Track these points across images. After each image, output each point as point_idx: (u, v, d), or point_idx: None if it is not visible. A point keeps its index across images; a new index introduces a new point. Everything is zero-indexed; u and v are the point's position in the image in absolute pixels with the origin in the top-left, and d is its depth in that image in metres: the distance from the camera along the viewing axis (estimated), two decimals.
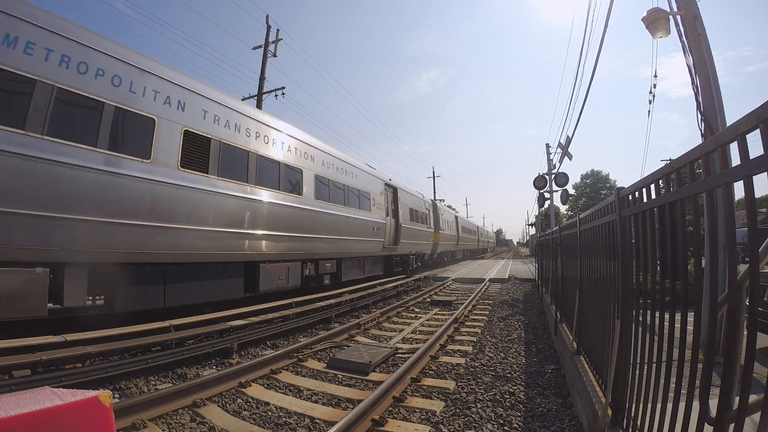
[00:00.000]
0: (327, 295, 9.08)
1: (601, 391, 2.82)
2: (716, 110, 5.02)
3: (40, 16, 4.54)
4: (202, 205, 6.29)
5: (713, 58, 5.22)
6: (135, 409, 3.24)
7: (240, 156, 7.20)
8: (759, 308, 4.24)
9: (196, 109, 6.40)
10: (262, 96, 15.94)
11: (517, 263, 28.86)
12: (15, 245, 4.22)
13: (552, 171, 17.00)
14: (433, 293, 12.03)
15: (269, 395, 3.96)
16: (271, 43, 16.13)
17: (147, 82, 5.64)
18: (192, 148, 6.22)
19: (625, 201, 2.51)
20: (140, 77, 5.55)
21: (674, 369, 1.67)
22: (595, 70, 7.58)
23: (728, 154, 1.40)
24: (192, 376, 4.51)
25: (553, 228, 9.30)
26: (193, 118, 6.32)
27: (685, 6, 5.39)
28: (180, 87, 6.16)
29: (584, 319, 3.85)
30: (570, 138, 12.45)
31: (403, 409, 3.62)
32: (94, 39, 5.09)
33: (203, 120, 6.51)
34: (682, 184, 1.72)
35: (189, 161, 6.14)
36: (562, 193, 15.87)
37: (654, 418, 1.83)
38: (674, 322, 1.81)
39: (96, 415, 1.10)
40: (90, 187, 4.83)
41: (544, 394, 3.94)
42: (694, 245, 1.94)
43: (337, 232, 10.27)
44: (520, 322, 7.70)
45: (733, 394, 1.38)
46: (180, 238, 5.92)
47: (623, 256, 2.51)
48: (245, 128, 7.40)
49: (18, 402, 1.02)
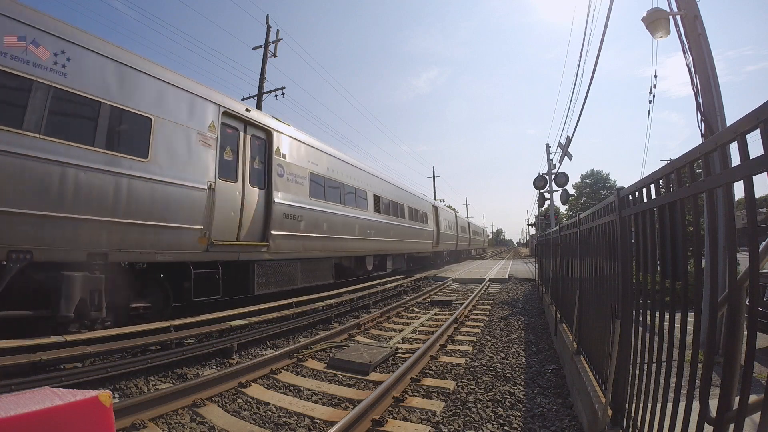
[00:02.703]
0: (327, 295, 9.08)
1: (601, 391, 2.82)
2: (716, 110, 5.02)
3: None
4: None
5: (713, 57, 5.22)
6: (135, 409, 3.24)
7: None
8: (759, 308, 4.23)
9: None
10: (262, 96, 15.94)
11: (517, 263, 28.86)
12: None
13: (552, 171, 17.00)
14: (433, 293, 12.02)
15: (269, 395, 3.96)
16: (271, 43, 16.13)
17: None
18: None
19: (625, 201, 2.51)
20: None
21: (674, 369, 1.67)
22: (595, 69, 7.59)
23: (728, 154, 1.40)
24: (192, 376, 4.51)
25: (553, 228, 9.30)
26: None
27: (685, 6, 5.40)
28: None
29: (584, 319, 3.85)
30: (570, 138, 12.45)
31: (403, 409, 3.62)
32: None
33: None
34: (682, 184, 1.72)
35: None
36: (562, 193, 15.87)
37: (654, 418, 1.83)
38: (674, 322, 1.81)
39: (96, 415, 1.10)
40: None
41: (544, 394, 3.94)
42: (694, 245, 1.94)
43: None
44: (520, 322, 7.70)
45: (733, 394, 1.38)
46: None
47: (623, 256, 2.51)
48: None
49: (18, 402, 1.02)
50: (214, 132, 6.35)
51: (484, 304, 10.00)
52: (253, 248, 7.14)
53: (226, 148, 6.68)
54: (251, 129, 7.33)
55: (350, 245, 11.02)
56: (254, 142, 7.37)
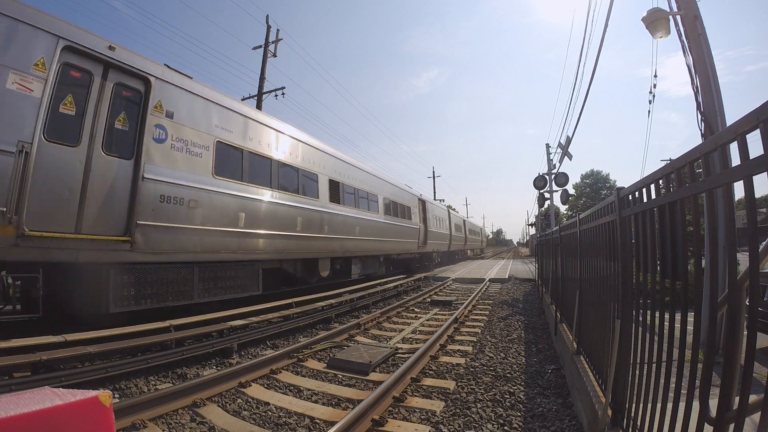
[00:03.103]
0: (327, 295, 9.08)
1: (601, 391, 2.82)
2: (716, 110, 5.02)
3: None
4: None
5: (713, 57, 5.22)
6: (135, 409, 3.24)
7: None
8: (759, 308, 4.23)
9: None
10: (262, 96, 15.94)
11: (517, 263, 28.85)
12: None
13: (552, 171, 17.00)
14: (433, 293, 12.03)
15: (269, 395, 3.96)
16: (271, 43, 16.13)
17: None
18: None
19: (625, 201, 2.51)
20: None
21: (674, 369, 1.67)
22: (595, 69, 7.59)
23: (728, 154, 1.40)
24: (192, 376, 4.51)
25: (553, 228, 9.30)
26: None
27: (685, 6, 5.40)
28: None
29: (584, 319, 3.85)
30: (570, 138, 12.45)
31: (403, 409, 3.62)
32: None
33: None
34: (682, 184, 1.72)
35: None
36: (562, 193, 15.87)
37: (654, 418, 1.83)
38: (674, 322, 1.81)
39: (96, 415, 1.10)
40: None
41: (544, 394, 3.94)
42: (694, 245, 1.94)
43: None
44: (520, 322, 7.70)
45: (733, 394, 1.38)
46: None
47: (623, 256, 2.51)
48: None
49: (18, 402, 1.02)
50: (43, 72, 4.48)
51: (484, 304, 10.00)
52: (106, 245, 5.00)
53: (66, 98, 4.75)
54: (116, 74, 5.28)
55: (289, 244, 8.32)
56: (119, 92, 5.32)
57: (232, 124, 7.05)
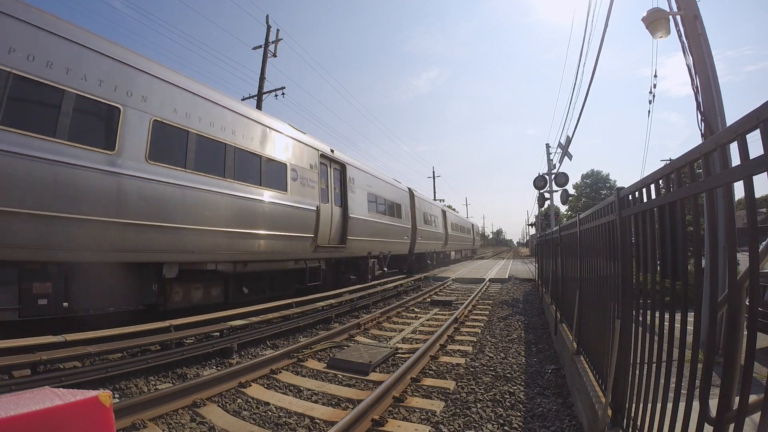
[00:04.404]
0: (327, 295, 9.08)
1: (601, 391, 2.82)
2: (716, 110, 5.02)
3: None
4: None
5: (713, 57, 5.22)
6: (135, 409, 3.24)
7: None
8: (759, 308, 4.24)
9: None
10: (262, 96, 15.95)
11: (517, 263, 28.86)
12: None
13: (552, 171, 17.00)
14: (433, 293, 12.03)
15: (269, 395, 3.96)
16: (271, 43, 16.14)
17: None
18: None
19: (625, 201, 2.51)
20: None
21: (674, 369, 1.67)
22: (595, 69, 7.59)
23: (728, 154, 1.40)
24: (192, 376, 4.51)
25: (553, 228, 9.30)
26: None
27: (685, 6, 5.40)
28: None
29: (584, 319, 3.85)
30: (570, 138, 12.45)
31: (403, 409, 3.62)
32: None
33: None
34: (682, 184, 1.72)
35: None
36: (562, 193, 15.88)
37: (654, 418, 1.83)
38: (674, 322, 1.81)
39: (96, 415, 1.10)
40: None
41: (544, 394, 3.94)
42: (694, 245, 1.94)
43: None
44: (520, 322, 7.70)
45: (733, 394, 1.38)
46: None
47: (623, 256, 2.51)
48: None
49: (18, 402, 1.02)
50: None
51: (484, 304, 10.00)
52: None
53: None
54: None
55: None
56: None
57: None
